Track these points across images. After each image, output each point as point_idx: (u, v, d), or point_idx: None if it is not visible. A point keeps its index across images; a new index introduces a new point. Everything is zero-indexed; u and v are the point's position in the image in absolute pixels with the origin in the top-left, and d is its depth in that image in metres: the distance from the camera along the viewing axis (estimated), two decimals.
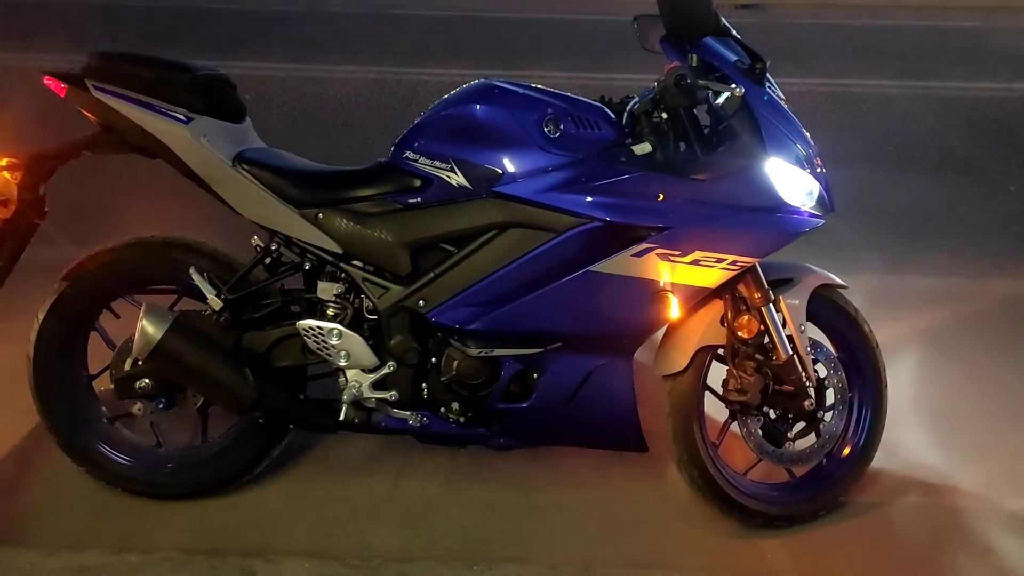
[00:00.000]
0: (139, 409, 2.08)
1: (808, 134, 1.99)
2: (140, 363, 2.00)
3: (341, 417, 2.04)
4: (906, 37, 8.33)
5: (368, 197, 1.97)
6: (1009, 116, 5.73)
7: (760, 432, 2.12)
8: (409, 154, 1.96)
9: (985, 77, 6.67)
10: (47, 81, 1.95)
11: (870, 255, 3.55)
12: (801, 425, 2.15)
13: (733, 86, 1.86)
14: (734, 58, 1.92)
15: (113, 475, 2.16)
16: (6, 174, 1.91)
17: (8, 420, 2.40)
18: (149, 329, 1.93)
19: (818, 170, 1.97)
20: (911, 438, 2.48)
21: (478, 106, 1.94)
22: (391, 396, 2.03)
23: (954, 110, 5.81)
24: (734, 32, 1.97)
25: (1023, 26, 8.79)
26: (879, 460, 2.25)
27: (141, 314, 1.95)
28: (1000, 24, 8.79)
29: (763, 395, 2.06)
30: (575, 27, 7.86)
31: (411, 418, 2.06)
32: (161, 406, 2.08)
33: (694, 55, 1.93)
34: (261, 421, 2.11)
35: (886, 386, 2.20)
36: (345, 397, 2.03)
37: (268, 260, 2.05)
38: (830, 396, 2.16)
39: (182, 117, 1.93)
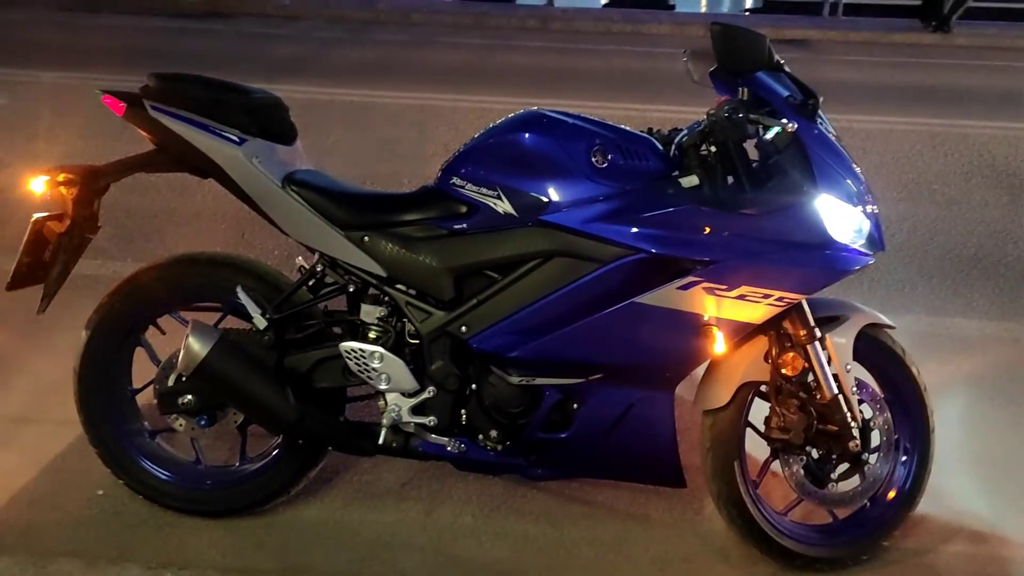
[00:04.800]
0: (180, 425, 2.10)
1: (859, 170, 1.96)
2: (184, 379, 2.02)
3: (380, 441, 2.04)
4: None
5: (414, 222, 1.98)
6: None
7: (802, 472, 2.08)
8: (456, 180, 1.97)
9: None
10: (106, 100, 1.99)
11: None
12: (845, 466, 2.10)
13: (784, 121, 1.85)
14: (786, 93, 1.90)
15: (152, 489, 2.18)
16: (62, 189, 1.95)
17: (51, 431, 2.44)
18: (195, 346, 1.95)
19: (869, 208, 1.94)
20: (958, 484, 2.42)
21: (526, 134, 1.95)
22: (430, 421, 2.03)
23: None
24: (786, 67, 1.96)
25: None
26: (924, 505, 2.19)
27: (187, 331, 1.97)
28: None
29: (806, 434, 2.02)
30: None
31: (449, 444, 2.05)
32: (202, 423, 2.09)
33: (745, 89, 1.91)
34: (300, 442, 2.11)
35: (933, 430, 2.15)
36: (384, 421, 2.03)
37: (312, 281, 2.07)
38: (875, 438, 2.11)
39: (235, 138, 1.96)
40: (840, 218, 1.90)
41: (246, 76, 2.68)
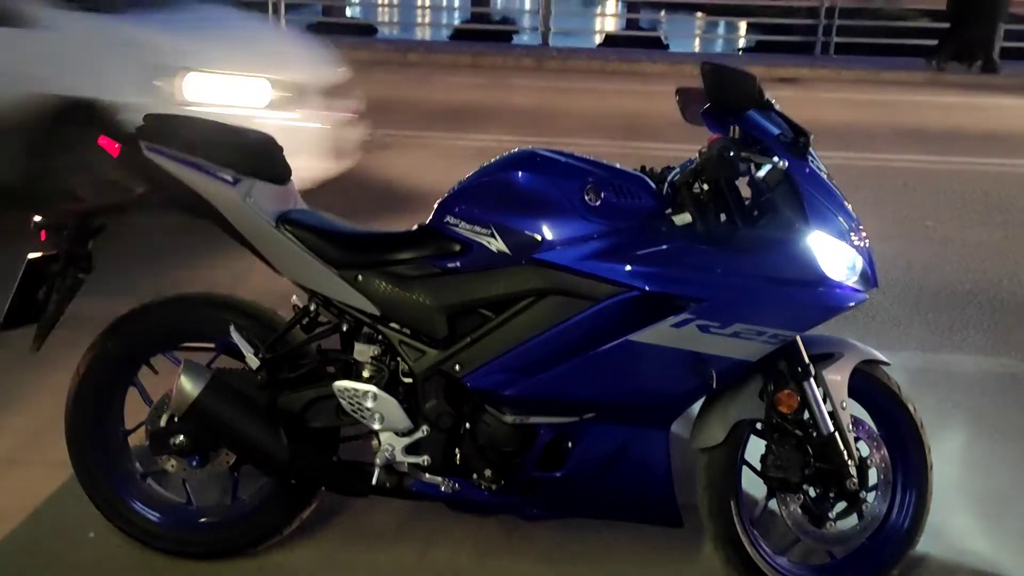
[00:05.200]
0: (172, 466, 2.08)
1: (851, 207, 1.97)
2: (176, 419, 2.01)
3: (373, 481, 2.02)
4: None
5: (408, 260, 1.98)
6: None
7: (800, 511, 2.06)
8: (450, 218, 1.98)
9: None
10: (102, 142, 2.00)
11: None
12: (843, 505, 2.08)
13: (775, 159, 1.86)
14: (777, 131, 1.92)
15: (143, 531, 2.15)
16: (56, 229, 1.95)
17: (42, 473, 2.42)
18: (187, 386, 1.94)
19: (861, 244, 1.95)
20: (957, 522, 2.39)
21: (520, 173, 1.96)
22: (424, 461, 2.01)
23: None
24: (777, 106, 1.98)
25: None
26: (924, 544, 2.17)
27: (180, 371, 1.97)
28: None
29: (803, 473, 2.01)
30: None
31: (443, 484, 2.03)
32: (194, 464, 2.07)
33: (736, 127, 1.93)
34: (293, 482, 2.09)
35: (931, 467, 2.13)
36: (378, 460, 2.02)
37: (306, 320, 2.07)
38: (873, 476, 2.09)
39: (229, 178, 1.96)
40: (833, 255, 1.91)
41: None
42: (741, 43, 16.00)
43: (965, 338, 3.59)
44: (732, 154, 1.86)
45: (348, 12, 17.20)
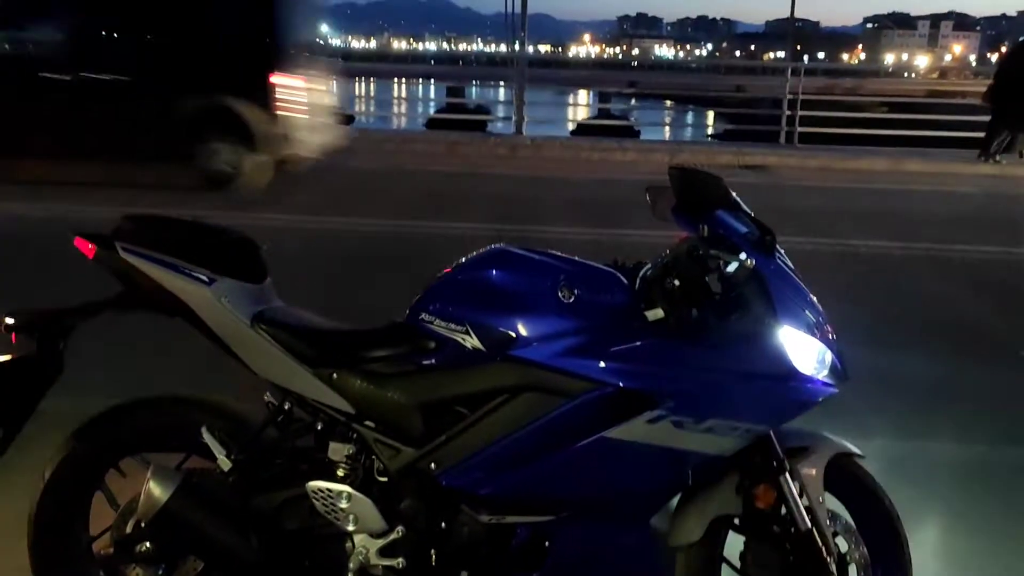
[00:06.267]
0: (138, 575, 2.02)
1: (816, 301, 2.01)
2: (143, 525, 1.96)
3: None
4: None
5: (383, 358, 1.98)
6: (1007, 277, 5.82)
7: None
8: (425, 316, 1.99)
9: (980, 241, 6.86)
10: (78, 243, 2.00)
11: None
12: None
13: (743, 256, 1.90)
14: (744, 230, 1.96)
15: None
16: (27, 330, 1.94)
17: None
18: (156, 491, 1.90)
19: (829, 337, 1.98)
20: None
21: (493, 271, 1.99)
22: (399, 563, 1.97)
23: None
24: (744, 206, 2.04)
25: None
26: None
27: (148, 474, 1.93)
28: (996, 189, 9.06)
29: (782, 569, 1.98)
30: None
31: None
32: (160, 572, 2.01)
33: (705, 226, 1.98)
34: None
35: (910, 561, 2.12)
36: (352, 564, 1.97)
37: (280, 419, 2.05)
38: (852, 572, 2.07)
39: (205, 278, 1.97)
40: (802, 349, 1.93)
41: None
42: (709, 131, 16.50)
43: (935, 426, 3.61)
44: (701, 252, 1.90)
45: None
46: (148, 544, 1.97)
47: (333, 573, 2.01)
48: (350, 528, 1.95)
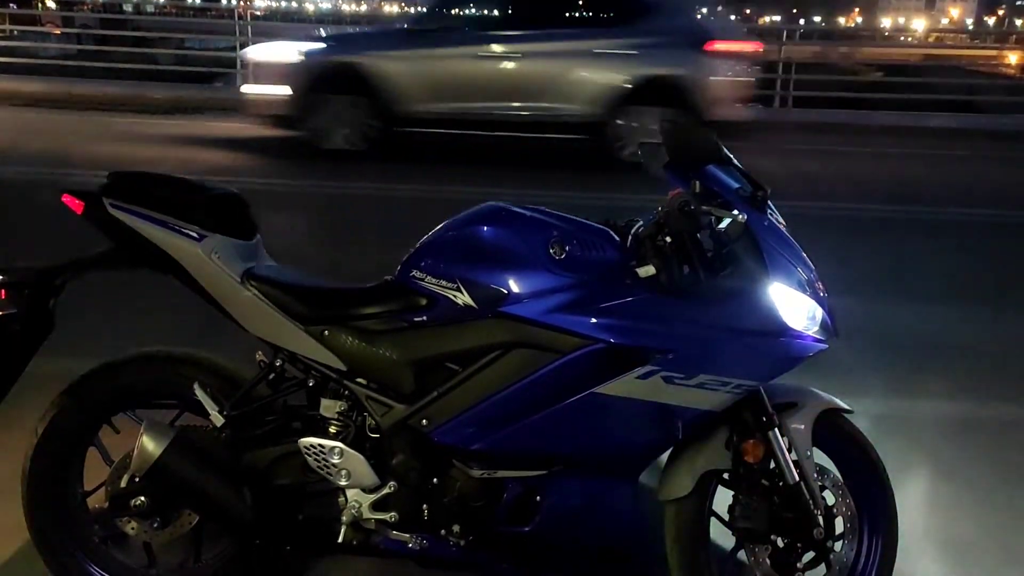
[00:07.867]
0: (133, 528, 2.03)
1: (808, 258, 2.01)
2: (137, 480, 1.97)
3: (340, 539, 1.99)
4: None
5: (374, 315, 1.98)
6: None
7: (768, 561, 2.05)
8: (416, 273, 1.98)
9: None
10: (66, 199, 1.99)
11: None
12: (810, 555, 2.08)
13: (735, 212, 1.90)
14: (736, 186, 1.96)
15: None
16: (17, 287, 1.93)
17: None
18: (149, 446, 1.90)
19: (820, 294, 1.99)
20: (924, 568, 2.41)
21: (485, 227, 1.98)
22: (391, 517, 1.99)
23: None
24: (736, 161, 2.03)
25: None
26: None
27: (142, 430, 1.93)
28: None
29: (770, 522, 2.01)
30: None
31: (411, 541, 2.00)
32: (156, 525, 2.03)
33: (697, 182, 1.97)
34: (257, 542, 2.05)
35: (897, 514, 2.15)
36: (344, 518, 1.99)
37: (272, 376, 2.05)
38: (839, 524, 2.10)
39: (195, 235, 1.96)
40: (793, 305, 1.94)
41: None
42: None
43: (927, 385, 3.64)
44: (693, 208, 1.90)
45: None
46: (142, 498, 1.99)
47: (326, 527, 2.03)
48: (342, 483, 1.97)
